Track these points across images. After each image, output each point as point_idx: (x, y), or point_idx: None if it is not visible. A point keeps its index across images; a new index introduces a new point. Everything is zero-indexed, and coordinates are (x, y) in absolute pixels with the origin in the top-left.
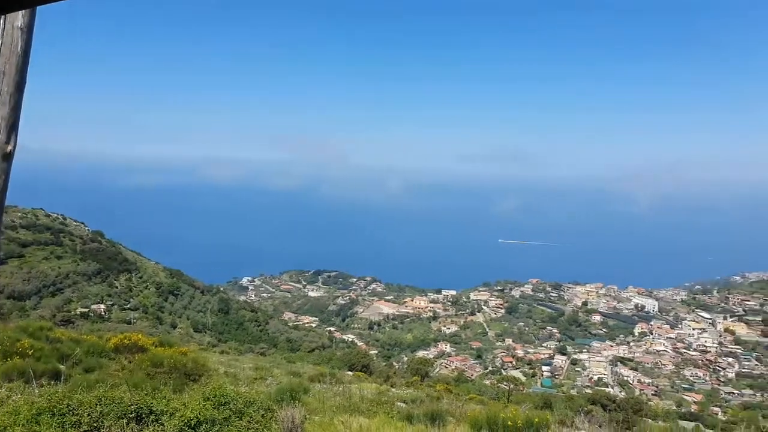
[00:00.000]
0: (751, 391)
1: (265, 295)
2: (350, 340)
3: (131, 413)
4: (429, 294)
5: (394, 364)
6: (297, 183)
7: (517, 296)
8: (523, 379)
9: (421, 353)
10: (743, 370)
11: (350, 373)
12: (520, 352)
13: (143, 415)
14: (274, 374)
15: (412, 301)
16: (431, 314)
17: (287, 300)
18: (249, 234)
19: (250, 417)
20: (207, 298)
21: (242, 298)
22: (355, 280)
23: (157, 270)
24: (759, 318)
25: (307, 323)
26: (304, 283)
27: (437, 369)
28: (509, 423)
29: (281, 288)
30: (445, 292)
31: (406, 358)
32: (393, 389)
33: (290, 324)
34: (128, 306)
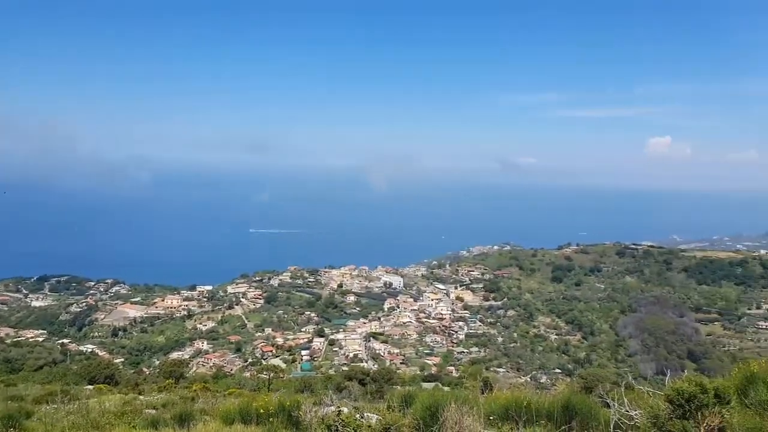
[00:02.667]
0: (476, 348)
1: None
2: (90, 350)
3: None
4: (182, 291)
5: (144, 370)
6: (12, 176)
7: (276, 285)
8: (284, 366)
9: (175, 354)
10: (470, 331)
11: (90, 387)
12: (280, 340)
13: None
14: None
15: (163, 300)
16: (186, 312)
17: (3, 313)
18: None
19: None
20: None
21: None
22: (92, 284)
23: None
24: (481, 285)
25: (32, 338)
26: (25, 291)
27: (194, 368)
28: (261, 411)
29: None
30: (200, 288)
31: (158, 362)
32: (141, 397)
33: (8, 341)
34: None
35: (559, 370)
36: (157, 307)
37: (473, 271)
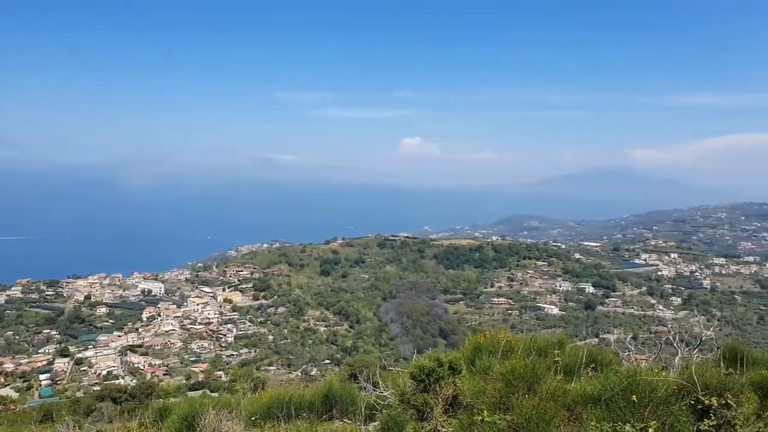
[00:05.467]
0: (247, 349)
1: None
2: None
3: None
4: None
5: None
6: None
7: (2, 302)
8: (16, 395)
9: None
10: (240, 333)
11: None
12: (9, 366)
13: None
14: None
15: None
16: None
17: None
18: None
19: None
20: None
21: None
22: None
23: None
24: (251, 285)
25: None
26: None
27: None
28: None
29: None
30: None
31: None
32: None
33: None
34: None
35: (329, 361)
36: None
37: (242, 270)
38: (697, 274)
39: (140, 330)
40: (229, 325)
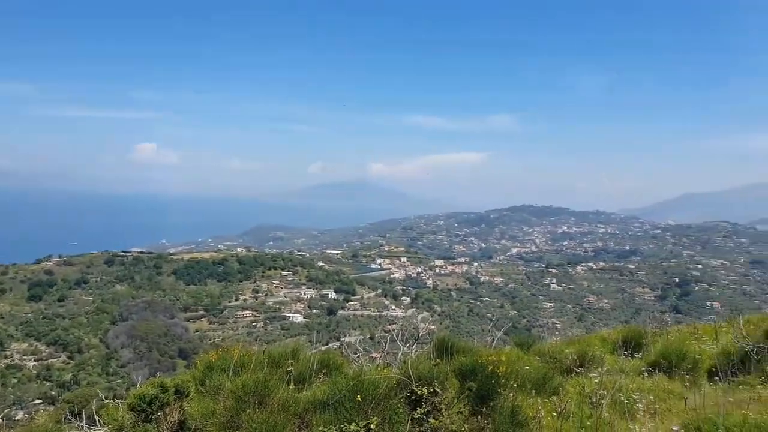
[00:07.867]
0: None
1: None
2: None
3: None
4: None
5: None
6: None
7: None
8: None
9: None
10: None
11: None
12: None
13: None
14: None
15: None
16: None
17: None
18: None
19: None
20: None
21: None
22: None
23: None
24: None
25: None
26: None
27: None
28: None
29: None
30: None
31: None
32: None
33: None
34: None
35: (41, 400)
36: None
37: None
38: (422, 275)
39: None
40: None
